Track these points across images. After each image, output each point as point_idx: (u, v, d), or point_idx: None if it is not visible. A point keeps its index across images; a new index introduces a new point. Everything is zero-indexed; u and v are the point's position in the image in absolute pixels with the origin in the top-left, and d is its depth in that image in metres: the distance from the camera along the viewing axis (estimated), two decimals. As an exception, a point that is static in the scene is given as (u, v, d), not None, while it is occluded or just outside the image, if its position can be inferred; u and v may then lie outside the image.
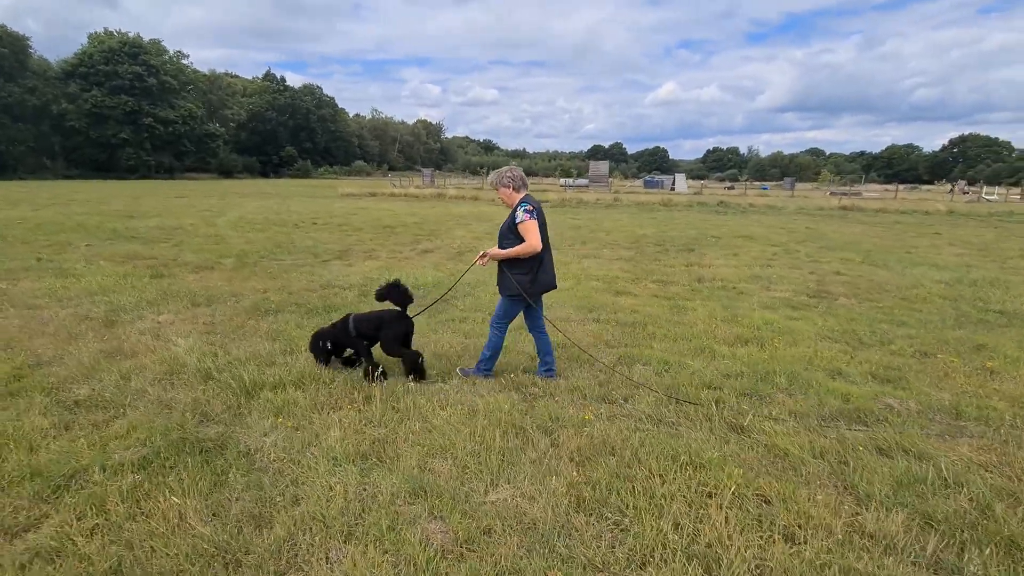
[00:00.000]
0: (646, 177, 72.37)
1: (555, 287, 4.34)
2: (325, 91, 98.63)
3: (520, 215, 4.01)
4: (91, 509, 2.66)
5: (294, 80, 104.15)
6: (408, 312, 4.50)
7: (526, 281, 4.09)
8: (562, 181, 57.72)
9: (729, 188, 61.47)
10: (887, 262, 10.84)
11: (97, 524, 2.57)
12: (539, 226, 4.06)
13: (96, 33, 64.88)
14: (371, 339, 4.49)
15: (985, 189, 52.67)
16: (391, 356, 4.45)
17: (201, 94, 73.62)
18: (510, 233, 4.13)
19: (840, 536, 2.49)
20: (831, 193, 49.20)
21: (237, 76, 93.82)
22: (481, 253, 4.27)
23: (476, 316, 6.38)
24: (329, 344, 4.56)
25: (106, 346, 5.06)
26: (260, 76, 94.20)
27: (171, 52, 69.16)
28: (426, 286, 7.87)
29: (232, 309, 6.51)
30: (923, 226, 19.73)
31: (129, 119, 61.60)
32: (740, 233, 15.86)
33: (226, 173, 76.33)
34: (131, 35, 64.74)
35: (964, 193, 52.19)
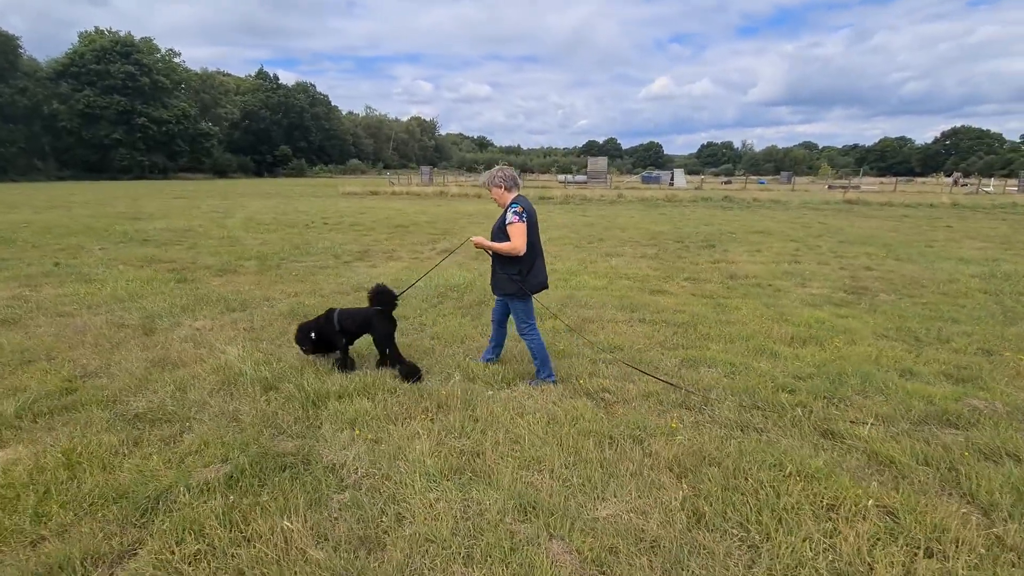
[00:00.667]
0: (643, 173, 72.43)
1: (546, 287, 4.40)
2: (318, 89, 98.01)
3: (509, 216, 4.02)
4: (189, 534, 2.52)
5: (286, 78, 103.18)
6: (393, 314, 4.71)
7: (518, 281, 4.14)
8: (561, 177, 57.60)
9: (726, 183, 61.57)
10: (911, 256, 10.78)
11: (199, 550, 2.44)
12: (529, 227, 4.07)
13: (86, 32, 64.11)
14: (353, 335, 4.69)
15: (982, 181, 53.03)
16: (383, 351, 4.61)
17: (194, 93, 73.02)
18: (500, 232, 4.14)
19: (983, 551, 2.39)
20: (829, 187, 49.38)
21: (229, 74, 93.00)
22: (474, 240, 4.25)
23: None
24: (313, 335, 4.66)
25: (151, 355, 4.90)
26: (252, 74, 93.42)
27: (163, 50, 68.50)
28: (459, 287, 7.73)
29: (268, 314, 6.35)
30: (931, 219, 19.73)
31: (122, 119, 60.94)
32: (755, 229, 15.79)
33: (220, 173, 75.74)
34: (122, 34, 64.07)
35: (962, 185, 52.51)
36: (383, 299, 4.56)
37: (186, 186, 44.19)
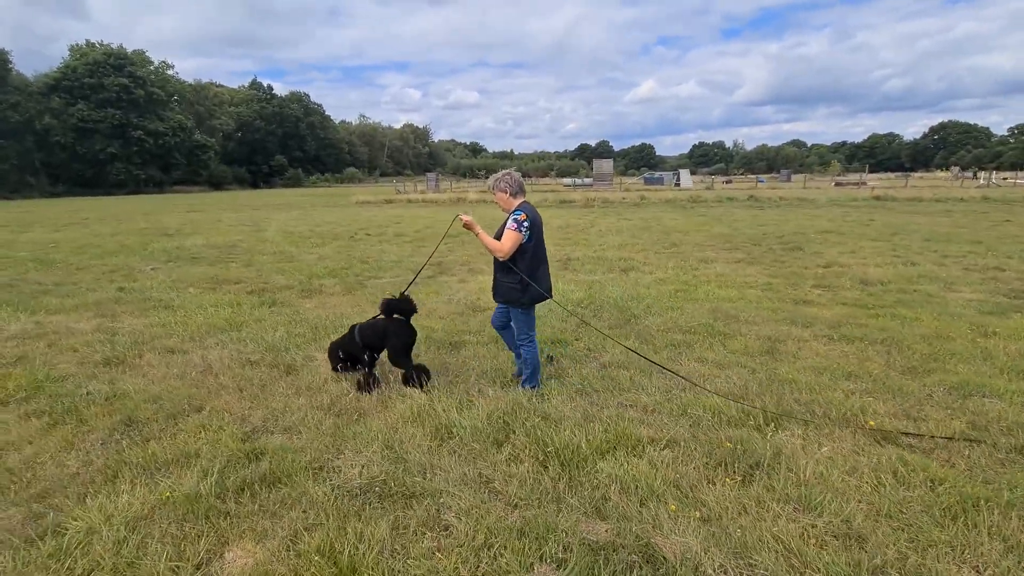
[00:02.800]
0: (646, 174, 72.01)
1: (549, 297, 4.17)
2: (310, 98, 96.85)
3: (510, 222, 3.93)
4: None
5: (277, 88, 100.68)
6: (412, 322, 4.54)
7: (518, 290, 4.02)
8: (567, 181, 57.17)
9: (727, 183, 61.35)
10: (1020, 254, 10.18)
11: None
12: (533, 238, 3.97)
13: (77, 45, 62.82)
14: (375, 348, 4.50)
15: (983, 174, 53.24)
16: (397, 366, 4.42)
17: (188, 105, 71.67)
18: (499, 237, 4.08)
19: None
20: (836, 184, 49.35)
21: (222, 86, 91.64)
22: (464, 217, 4.03)
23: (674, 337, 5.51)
24: (341, 354, 4.57)
25: (315, 401, 4.12)
26: (246, 85, 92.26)
27: (156, 62, 67.26)
28: (579, 302, 7.00)
29: (402, 342, 5.56)
30: (980, 214, 19.27)
31: (117, 132, 59.61)
32: (818, 228, 15.18)
33: (215, 185, 74.36)
34: (114, 46, 62.78)
35: (961, 178, 52.64)
36: (397, 308, 4.42)
37: (191, 200, 43.08)
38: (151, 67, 65.44)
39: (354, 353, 4.52)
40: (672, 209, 24.42)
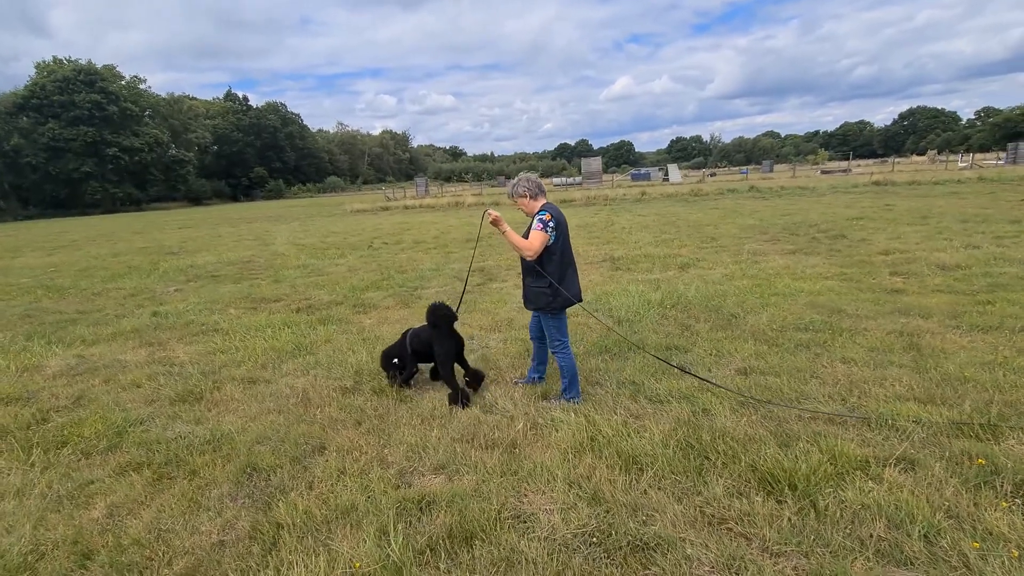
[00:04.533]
0: (631, 171, 72.03)
1: (580, 301, 4.01)
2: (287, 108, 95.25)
3: (535, 222, 3.83)
4: None
5: (252, 99, 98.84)
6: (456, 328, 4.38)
7: (548, 295, 3.88)
8: (558, 180, 56.93)
9: (711, 175, 61.72)
10: (1071, 232, 10.03)
11: None
12: (560, 239, 3.84)
13: (44, 62, 60.81)
14: (423, 356, 4.44)
15: (967, 157, 54.33)
16: (444, 376, 4.20)
17: (163, 119, 69.85)
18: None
19: None
20: (822, 172, 49.94)
21: (196, 98, 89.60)
22: (492, 213, 3.85)
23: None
24: (396, 360, 4.52)
25: (451, 433, 3.62)
26: (220, 96, 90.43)
27: (127, 77, 65.45)
28: (660, 303, 6.58)
29: (500, 357, 5.09)
30: (988, 194, 19.32)
31: (91, 150, 57.84)
32: (844, 216, 14.97)
33: (194, 200, 72.75)
34: (83, 62, 60.92)
35: (941, 161, 53.66)
36: (439, 317, 4.25)
37: (176, 216, 41.81)
38: (123, 82, 63.63)
39: (404, 359, 4.48)
40: (679, 203, 24.18)
